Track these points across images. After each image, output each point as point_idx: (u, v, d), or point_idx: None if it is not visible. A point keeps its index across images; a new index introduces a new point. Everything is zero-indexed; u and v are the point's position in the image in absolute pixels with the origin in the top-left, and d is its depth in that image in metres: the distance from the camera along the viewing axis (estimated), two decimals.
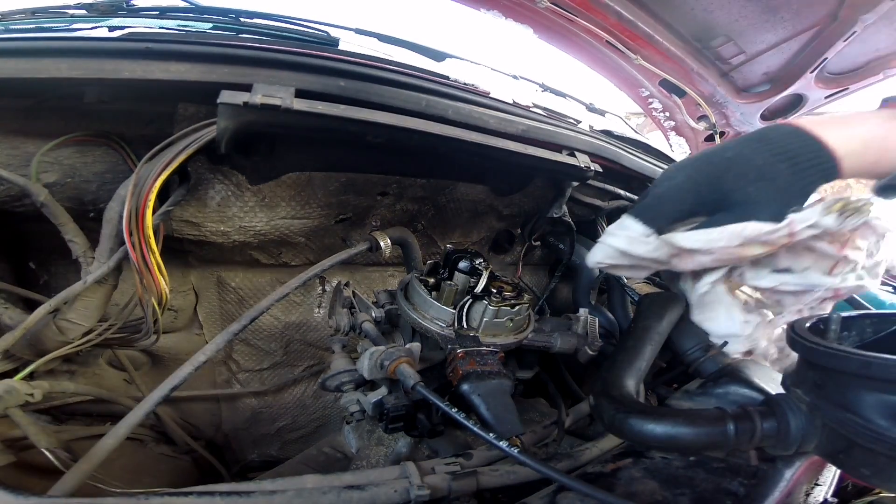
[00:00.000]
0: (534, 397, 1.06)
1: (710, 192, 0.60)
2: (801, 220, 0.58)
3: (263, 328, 1.11)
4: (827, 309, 0.73)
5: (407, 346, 0.72)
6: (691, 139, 2.01)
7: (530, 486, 0.58)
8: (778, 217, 0.58)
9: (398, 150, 0.87)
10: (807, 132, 0.58)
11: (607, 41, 1.55)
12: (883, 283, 2.27)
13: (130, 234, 0.65)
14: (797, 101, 1.80)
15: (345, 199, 0.98)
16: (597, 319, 0.95)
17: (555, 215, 1.19)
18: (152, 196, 0.65)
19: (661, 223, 0.63)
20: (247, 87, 0.67)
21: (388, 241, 0.92)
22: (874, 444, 0.39)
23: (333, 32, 1.09)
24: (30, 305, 0.85)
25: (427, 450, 0.81)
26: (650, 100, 1.88)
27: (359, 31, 1.18)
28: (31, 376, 0.70)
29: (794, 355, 0.50)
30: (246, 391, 1.15)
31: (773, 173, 0.57)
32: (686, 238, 0.61)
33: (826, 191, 0.66)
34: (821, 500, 0.59)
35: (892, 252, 0.72)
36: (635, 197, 1.27)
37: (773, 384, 0.57)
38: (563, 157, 0.99)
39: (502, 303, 0.77)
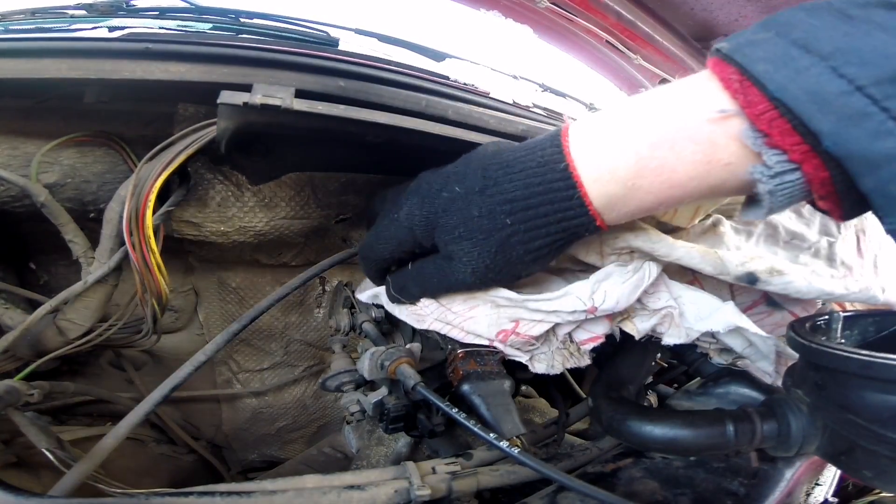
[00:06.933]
0: (534, 397, 1.06)
1: (425, 238, 0.48)
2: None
3: (263, 328, 1.11)
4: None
5: (407, 346, 0.71)
6: None
7: (530, 486, 0.58)
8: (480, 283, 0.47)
9: (398, 150, 0.87)
10: (565, 159, 0.38)
11: (607, 41, 1.55)
12: None
13: (130, 235, 0.65)
14: None
15: (345, 199, 0.97)
16: None
17: None
18: (152, 196, 0.65)
19: (373, 270, 0.55)
20: (247, 88, 0.67)
21: None
22: (876, 446, 0.39)
23: (333, 32, 1.09)
24: (30, 305, 0.85)
25: (427, 450, 0.81)
26: None
27: (359, 32, 1.18)
28: (31, 376, 0.70)
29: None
30: (246, 391, 1.15)
31: (489, 227, 0.42)
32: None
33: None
34: (821, 500, 0.59)
35: None
36: None
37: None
38: None
39: None
